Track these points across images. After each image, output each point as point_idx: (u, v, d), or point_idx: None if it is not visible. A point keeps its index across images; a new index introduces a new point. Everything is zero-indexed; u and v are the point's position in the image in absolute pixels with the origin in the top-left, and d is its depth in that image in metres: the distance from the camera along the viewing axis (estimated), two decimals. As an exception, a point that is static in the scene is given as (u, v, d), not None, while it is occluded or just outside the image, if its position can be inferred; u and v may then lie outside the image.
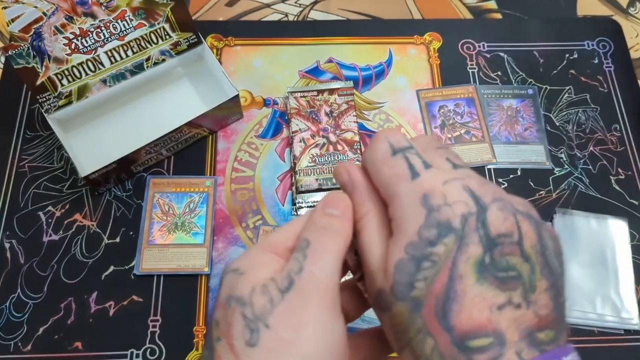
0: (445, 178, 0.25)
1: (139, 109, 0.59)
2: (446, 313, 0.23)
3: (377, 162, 0.27)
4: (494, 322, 0.23)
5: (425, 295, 0.24)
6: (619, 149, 0.61)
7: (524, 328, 0.23)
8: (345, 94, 0.61)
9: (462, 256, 0.24)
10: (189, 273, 0.53)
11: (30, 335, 0.50)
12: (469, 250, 0.24)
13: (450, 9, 0.70)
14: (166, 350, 0.50)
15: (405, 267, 0.24)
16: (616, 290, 0.53)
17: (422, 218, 0.24)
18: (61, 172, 0.57)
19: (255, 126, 0.60)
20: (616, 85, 0.64)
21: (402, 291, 0.24)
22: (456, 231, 0.24)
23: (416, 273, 0.24)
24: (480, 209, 0.24)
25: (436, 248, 0.24)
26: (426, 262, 0.24)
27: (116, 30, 0.53)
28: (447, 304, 0.23)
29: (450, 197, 0.24)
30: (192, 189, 0.56)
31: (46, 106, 0.54)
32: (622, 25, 0.68)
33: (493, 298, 0.23)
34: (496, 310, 0.23)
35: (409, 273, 0.24)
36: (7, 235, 0.54)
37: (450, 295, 0.23)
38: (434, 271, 0.24)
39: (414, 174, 0.25)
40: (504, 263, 0.24)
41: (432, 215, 0.24)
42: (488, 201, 0.24)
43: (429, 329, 0.24)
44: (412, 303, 0.24)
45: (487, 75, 0.64)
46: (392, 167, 0.26)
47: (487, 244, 0.24)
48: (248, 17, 0.68)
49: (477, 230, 0.24)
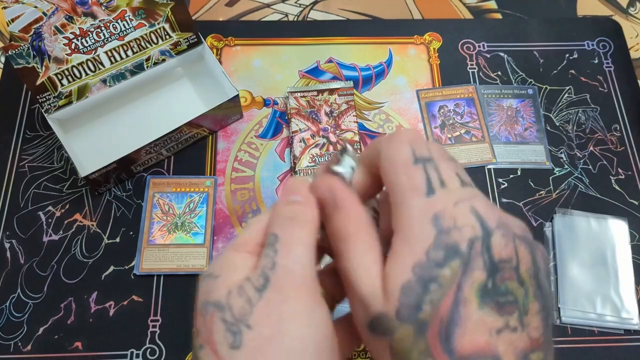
0: (455, 199, 0.25)
1: (139, 109, 0.59)
2: (449, 337, 0.23)
3: (397, 165, 0.26)
4: (492, 345, 0.23)
5: (430, 318, 0.24)
6: (619, 149, 0.61)
7: (519, 351, 0.24)
8: (345, 94, 0.61)
9: (467, 280, 0.24)
10: (189, 273, 0.53)
11: (30, 335, 0.50)
12: (473, 275, 0.24)
13: (450, 9, 0.70)
14: (166, 350, 0.50)
15: (413, 289, 0.24)
16: (616, 290, 0.53)
17: (431, 238, 0.24)
18: (61, 172, 0.57)
19: (255, 126, 0.60)
20: (616, 85, 0.64)
21: (409, 314, 0.24)
22: (462, 255, 0.24)
23: (423, 295, 0.24)
24: (486, 234, 0.24)
25: (443, 270, 0.24)
26: (433, 285, 0.24)
27: (116, 30, 0.53)
28: (451, 327, 0.23)
29: (460, 221, 0.24)
30: (192, 189, 0.56)
31: (46, 106, 0.54)
32: (622, 25, 0.68)
33: (492, 322, 0.24)
34: (495, 334, 0.23)
35: (416, 295, 0.24)
36: (7, 235, 0.54)
37: (454, 318, 0.23)
38: (441, 294, 0.24)
39: (430, 191, 0.25)
40: (503, 288, 0.24)
41: (441, 237, 0.24)
42: (493, 226, 0.25)
43: (431, 352, 0.23)
44: (417, 326, 0.24)
45: (487, 75, 0.64)
46: (411, 177, 0.25)
47: (490, 269, 0.24)
48: (248, 17, 0.68)
49: (482, 255, 0.24)
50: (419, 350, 0.24)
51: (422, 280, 0.24)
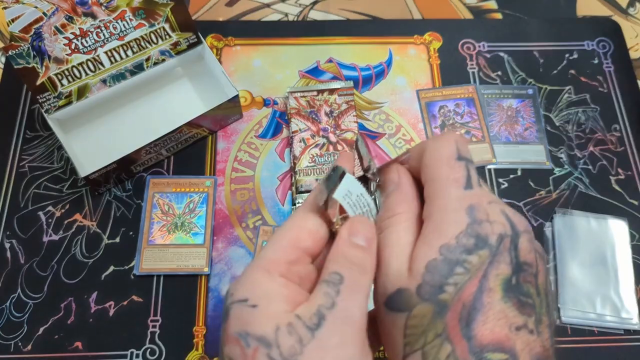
0: (489, 199, 0.26)
1: (139, 109, 0.59)
2: (470, 322, 0.24)
3: (441, 158, 0.27)
4: (511, 340, 0.24)
5: (452, 301, 0.24)
6: (618, 149, 0.61)
7: (534, 354, 0.24)
8: (345, 94, 0.61)
9: (493, 271, 0.24)
10: (189, 273, 0.53)
11: (31, 335, 0.50)
12: (500, 267, 0.24)
13: (450, 9, 0.70)
14: (166, 350, 0.50)
15: (438, 269, 0.24)
16: (616, 290, 0.53)
17: (463, 225, 0.25)
18: (61, 172, 0.57)
19: (255, 126, 0.60)
20: (616, 85, 0.64)
21: (431, 292, 0.24)
22: (491, 247, 0.25)
23: (448, 276, 0.24)
24: (515, 234, 0.25)
25: (471, 257, 0.24)
26: (459, 268, 0.24)
27: (116, 30, 0.53)
28: (473, 313, 0.24)
29: (492, 216, 0.25)
30: (192, 189, 0.56)
31: (46, 106, 0.54)
32: (621, 25, 0.68)
33: (513, 318, 0.24)
34: (514, 330, 0.24)
35: (440, 275, 0.24)
36: (7, 235, 0.54)
37: (477, 305, 0.24)
38: (465, 278, 0.24)
39: (468, 185, 0.26)
40: (525, 289, 0.25)
41: (474, 226, 0.25)
42: (521, 229, 0.26)
43: (449, 334, 0.24)
44: (437, 306, 0.24)
45: (487, 75, 0.64)
46: (453, 169, 0.27)
47: (515, 266, 0.25)
48: (248, 17, 0.68)
49: (510, 252, 0.25)
50: (436, 331, 0.24)
51: (448, 262, 0.24)
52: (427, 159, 0.27)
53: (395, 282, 0.25)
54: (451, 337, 0.24)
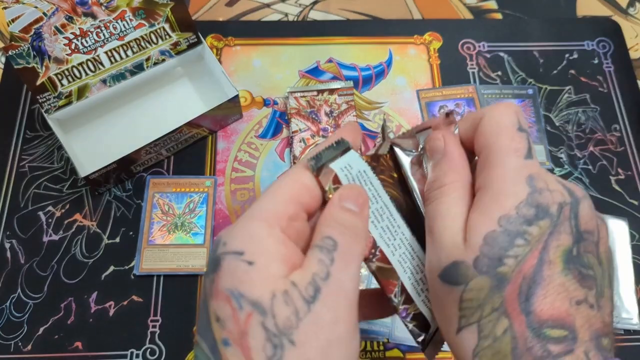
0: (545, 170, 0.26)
1: (139, 109, 0.59)
2: (530, 296, 0.23)
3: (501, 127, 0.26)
4: (571, 316, 0.23)
5: (512, 274, 0.23)
6: (618, 149, 0.61)
7: (593, 330, 0.23)
8: (345, 94, 0.61)
9: (553, 242, 0.24)
10: (189, 273, 0.53)
11: (31, 335, 0.50)
12: (560, 238, 0.24)
13: (450, 9, 0.70)
14: (166, 350, 0.50)
15: (497, 241, 0.23)
16: (616, 290, 0.53)
17: (523, 195, 0.24)
18: (61, 172, 0.57)
19: (255, 126, 0.60)
20: (616, 85, 0.64)
21: (489, 265, 0.23)
22: (552, 217, 0.24)
23: (508, 249, 0.23)
24: (575, 201, 0.25)
25: (531, 228, 0.23)
26: (520, 240, 0.23)
27: (116, 30, 0.53)
28: (533, 287, 0.23)
29: (551, 185, 0.25)
30: (192, 189, 0.56)
31: (46, 106, 0.54)
32: (621, 25, 0.68)
33: (574, 291, 0.23)
34: (575, 305, 0.23)
35: (500, 247, 0.23)
36: (7, 235, 0.54)
37: (537, 279, 0.23)
38: (526, 251, 0.23)
39: (528, 155, 0.25)
40: (585, 260, 0.24)
41: (534, 195, 0.24)
42: (580, 196, 0.25)
43: (507, 309, 0.23)
44: (495, 279, 0.23)
45: (487, 75, 0.64)
46: (513, 139, 0.26)
47: (576, 236, 0.24)
48: (248, 17, 0.68)
49: (570, 221, 0.24)
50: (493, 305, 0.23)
51: (507, 233, 0.23)
52: (485, 127, 0.27)
53: (450, 254, 0.24)
54: (509, 312, 0.23)
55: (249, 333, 0.22)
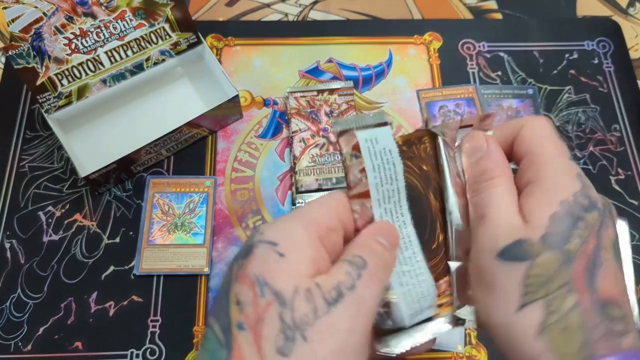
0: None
1: (139, 109, 0.59)
2: (594, 276, 0.25)
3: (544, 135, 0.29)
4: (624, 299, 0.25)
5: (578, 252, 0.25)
6: (618, 149, 0.61)
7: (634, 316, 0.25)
8: (345, 94, 0.61)
9: (604, 232, 0.26)
10: (189, 273, 0.53)
11: (31, 335, 0.50)
12: (608, 230, 0.26)
13: (450, 9, 0.70)
14: (166, 350, 0.50)
15: (563, 220, 0.25)
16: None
17: (578, 187, 0.27)
18: (61, 172, 0.57)
19: (255, 126, 0.60)
20: (616, 85, 0.64)
21: (557, 241, 0.25)
22: (600, 210, 0.26)
23: (573, 228, 0.25)
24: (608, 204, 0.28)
25: (588, 215, 0.26)
26: (581, 222, 0.25)
27: (116, 30, 0.53)
28: (596, 267, 0.25)
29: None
30: (192, 189, 0.56)
31: (46, 106, 0.54)
32: (621, 25, 0.68)
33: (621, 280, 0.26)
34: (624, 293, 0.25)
35: (566, 226, 0.25)
36: (7, 235, 0.54)
37: (597, 261, 0.25)
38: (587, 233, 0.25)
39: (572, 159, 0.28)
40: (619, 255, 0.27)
41: (586, 189, 0.27)
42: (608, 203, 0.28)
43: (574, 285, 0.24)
44: (564, 255, 0.25)
45: (487, 75, 0.64)
46: (557, 145, 0.28)
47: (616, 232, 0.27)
48: (248, 17, 0.68)
49: (612, 218, 0.27)
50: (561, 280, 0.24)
51: (570, 215, 0.25)
52: (527, 135, 0.29)
53: (511, 233, 0.26)
54: (576, 288, 0.24)
55: (265, 321, 0.22)
